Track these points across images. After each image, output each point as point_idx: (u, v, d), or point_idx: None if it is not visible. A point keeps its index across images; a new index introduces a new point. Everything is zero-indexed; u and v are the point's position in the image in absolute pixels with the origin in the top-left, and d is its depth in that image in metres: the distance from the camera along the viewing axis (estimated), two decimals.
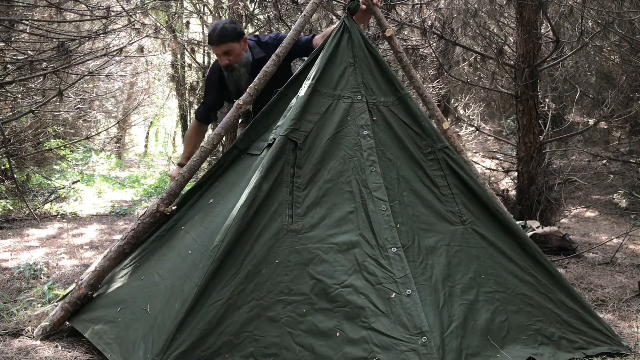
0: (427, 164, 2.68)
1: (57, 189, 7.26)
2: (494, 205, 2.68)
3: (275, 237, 2.33)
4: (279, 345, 2.13)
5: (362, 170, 2.53)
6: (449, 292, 2.37)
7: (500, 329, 2.38)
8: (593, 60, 7.81)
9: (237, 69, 3.15)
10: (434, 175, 2.67)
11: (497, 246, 2.59)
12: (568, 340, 2.47)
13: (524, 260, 2.60)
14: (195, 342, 2.07)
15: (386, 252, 2.35)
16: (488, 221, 2.64)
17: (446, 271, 2.43)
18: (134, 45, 6.33)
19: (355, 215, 2.44)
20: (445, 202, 2.62)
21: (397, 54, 3.06)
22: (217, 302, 2.15)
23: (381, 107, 2.74)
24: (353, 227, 2.41)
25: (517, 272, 2.56)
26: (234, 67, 3.14)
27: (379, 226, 2.41)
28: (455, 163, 2.71)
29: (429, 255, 2.45)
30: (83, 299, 2.52)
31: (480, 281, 2.47)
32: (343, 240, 2.37)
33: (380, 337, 2.16)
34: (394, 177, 2.59)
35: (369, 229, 2.41)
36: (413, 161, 2.68)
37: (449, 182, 2.67)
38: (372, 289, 2.26)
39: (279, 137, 2.51)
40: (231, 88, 3.24)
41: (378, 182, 2.51)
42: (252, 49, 3.21)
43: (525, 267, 2.58)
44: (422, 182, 2.64)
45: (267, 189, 2.39)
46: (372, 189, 2.49)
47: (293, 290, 2.24)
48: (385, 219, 2.43)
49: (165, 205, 2.66)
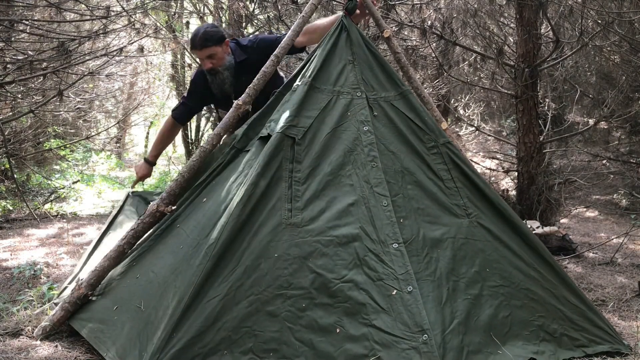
0: (430, 157, 2.67)
1: (57, 189, 7.26)
2: (498, 200, 2.67)
3: (274, 232, 2.31)
4: (278, 340, 2.12)
5: (363, 166, 2.52)
6: (452, 287, 2.35)
7: (503, 324, 2.37)
8: (593, 60, 7.81)
9: (220, 72, 3.18)
10: (438, 169, 2.65)
11: (502, 240, 2.57)
12: (569, 337, 2.46)
13: (528, 255, 2.59)
14: (193, 339, 2.06)
15: (387, 248, 2.34)
16: (492, 215, 2.63)
17: (451, 264, 2.41)
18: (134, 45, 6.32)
19: (356, 208, 2.42)
20: (450, 195, 2.61)
21: (396, 54, 3.06)
22: (214, 298, 2.14)
23: (382, 103, 2.73)
24: (354, 220, 2.39)
25: (521, 266, 2.54)
26: (218, 71, 3.18)
27: (380, 221, 2.40)
28: (458, 158, 2.70)
29: (434, 248, 2.43)
30: (83, 298, 2.52)
31: (485, 275, 2.45)
32: (343, 232, 2.35)
33: (381, 334, 2.15)
34: (397, 170, 2.58)
35: (369, 223, 2.39)
36: (416, 154, 2.66)
37: (452, 175, 2.65)
38: (373, 285, 2.25)
39: (275, 134, 2.50)
40: (215, 92, 3.27)
41: (379, 177, 2.50)
42: (233, 52, 3.23)
43: (529, 262, 2.57)
44: (426, 175, 2.63)
45: (264, 185, 2.38)
46: (374, 185, 2.48)
47: (293, 284, 2.22)
48: (386, 214, 2.42)
49: (165, 205, 2.67)
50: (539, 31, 5.62)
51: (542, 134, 5.76)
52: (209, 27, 3.14)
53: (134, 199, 3.52)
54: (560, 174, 6.14)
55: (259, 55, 3.14)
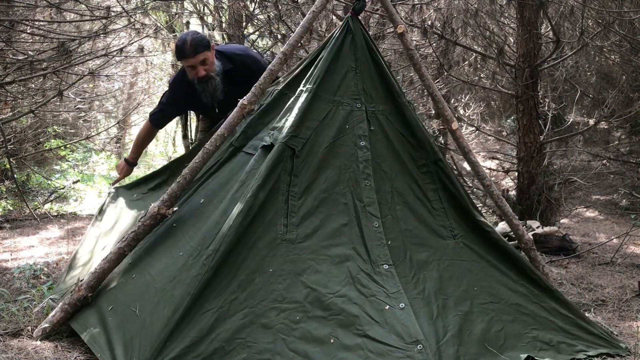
0: (420, 177, 2.69)
1: (57, 189, 7.26)
2: (483, 221, 2.70)
3: (270, 246, 2.33)
4: (272, 351, 2.12)
5: (357, 183, 2.54)
6: (442, 304, 2.37)
7: (497, 337, 2.37)
8: (593, 60, 7.81)
9: (213, 78, 3.10)
10: (426, 189, 2.68)
11: (488, 259, 2.61)
12: (567, 344, 2.46)
13: (514, 274, 2.61)
14: (186, 348, 2.06)
15: (378, 269, 2.36)
16: (477, 237, 2.66)
17: (438, 285, 2.43)
18: (134, 45, 6.32)
19: (349, 229, 2.44)
20: (436, 217, 2.64)
21: (409, 51, 2.99)
22: (209, 310, 2.15)
23: (379, 116, 2.72)
24: (347, 241, 2.42)
25: (509, 283, 2.57)
26: (211, 77, 3.09)
27: (371, 242, 2.42)
28: (446, 177, 2.72)
29: (421, 270, 2.45)
30: (83, 300, 2.52)
31: (474, 293, 2.47)
32: (337, 252, 2.38)
33: (375, 344, 2.15)
34: (388, 191, 2.60)
35: (361, 244, 2.42)
36: (407, 174, 2.68)
37: (440, 195, 2.68)
38: (366, 300, 2.27)
39: (278, 144, 2.49)
40: (206, 100, 3.17)
41: (372, 197, 2.52)
42: (218, 59, 3.17)
43: (516, 279, 2.60)
44: (416, 196, 2.65)
45: (263, 197, 2.38)
46: (366, 204, 2.50)
47: (287, 298, 2.24)
48: (377, 235, 2.44)
49: (166, 207, 2.65)
50: (540, 31, 5.62)
51: (542, 134, 5.76)
52: (194, 34, 3.07)
53: (116, 192, 3.53)
54: (560, 174, 6.14)
55: (245, 71, 3.15)
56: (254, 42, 7.08)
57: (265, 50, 7.02)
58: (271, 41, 6.77)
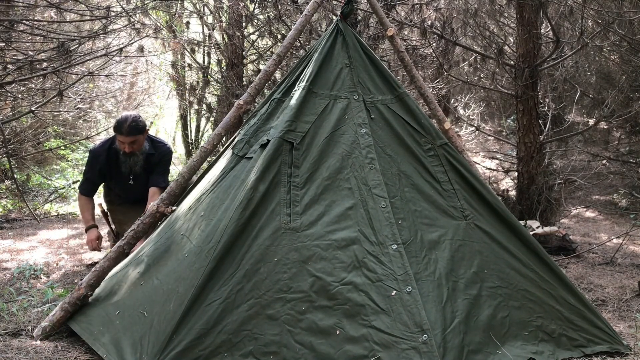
0: (427, 160, 2.68)
1: (57, 189, 7.26)
2: (496, 201, 2.68)
3: (274, 236, 2.33)
4: (278, 343, 2.13)
5: (361, 168, 2.53)
6: (452, 287, 2.36)
7: (502, 324, 2.38)
8: (593, 60, 7.81)
9: (136, 155, 3.70)
10: (435, 171, 2.67)
11: (500, 242, 2.59)
12: (568, 337, 2.47)
13: (525, 256, 2.60)
14: (193, 341, 2.07)
15: (386, 249, 2.35)
16: (490, 217, 2.64)
17: (450, 265, 2.42)
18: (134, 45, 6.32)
19: (354, 212, 2.43)
20: (447, 197, 2.62)
21: (399, 53, 3.05)
22: (214, 302, 2.16)
23: (379, 106, 2.74)
24: (352, 224, 2.40)
25: (519, 267, 2.56)
26: (135, 153, 3.68)
27: (379, 223, 2.41)
28: (455, 160, 2.71)
29: (432, 250, 2.44)
30: (83, 299, 2.52)
31: (483, 276, 2.46)
32: (342, 236, 2.36)
33: (381, 335, 2.16)
34: (394, 173, 2.59)
35: (368, 226, 2.40)
36: (413, 157, 2.67)
37: (449, 177, 2.67)
38: (372, 286, 2.26)
39: (274, 139, 2.52)
40: (124, 170, 3.75)
41: (377, 179, 2.51)
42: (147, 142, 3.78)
43: (527, 263, 2.58)
44: (423, 178, 2.64)
45: (263, 189, 2.39)
46: (372, 186, 2.49)
47: (292, 287, 2.24)
48: (385, 215, 2.43)
49: (165, 206, 2.67)
50: (539, 31, 5.62)
51: (542, 134, 5.76)
52: (136, 118, 3.62)
53: None
54: (560, 174, 6.14)
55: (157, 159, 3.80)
56: (254, 42, 7.08)
57: (266, 50, 7.03)
58: (271, 41, 6.77)
